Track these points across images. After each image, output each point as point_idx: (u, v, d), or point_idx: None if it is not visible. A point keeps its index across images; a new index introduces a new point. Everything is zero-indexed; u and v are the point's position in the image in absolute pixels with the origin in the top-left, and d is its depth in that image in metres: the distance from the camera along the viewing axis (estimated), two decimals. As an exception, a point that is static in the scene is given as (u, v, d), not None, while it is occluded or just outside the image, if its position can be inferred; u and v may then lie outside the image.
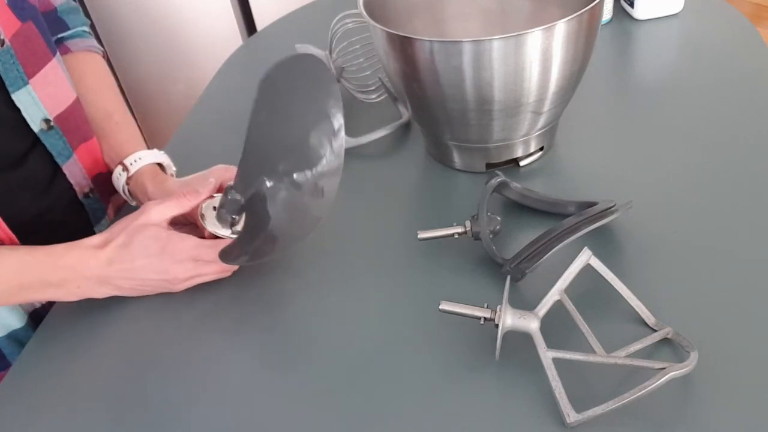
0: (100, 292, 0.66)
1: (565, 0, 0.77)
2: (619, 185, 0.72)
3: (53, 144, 0.74)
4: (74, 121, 0.77)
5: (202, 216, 0.68)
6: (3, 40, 0.66)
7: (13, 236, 0.69)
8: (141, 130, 0.86)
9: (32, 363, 0.64)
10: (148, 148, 0.81)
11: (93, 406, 0.59)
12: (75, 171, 0.78)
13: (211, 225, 0.67)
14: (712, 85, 0.87)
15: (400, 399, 0.55)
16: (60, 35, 0.83)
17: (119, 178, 0.78)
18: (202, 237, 0.67)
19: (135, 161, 0.77)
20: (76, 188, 0.78)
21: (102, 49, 0.88)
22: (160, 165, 0.79)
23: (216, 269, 0.66)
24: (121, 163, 0.78)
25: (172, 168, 0.81)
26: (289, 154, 0.64)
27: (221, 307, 0.66)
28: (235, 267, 0.68)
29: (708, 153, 0.75)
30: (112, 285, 0.65)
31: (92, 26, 2.05)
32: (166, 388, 0.59)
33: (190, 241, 0.65)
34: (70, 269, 0.63)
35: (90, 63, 0.85)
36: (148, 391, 0.59)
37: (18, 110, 0.70)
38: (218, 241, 0.66)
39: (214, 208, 0.68)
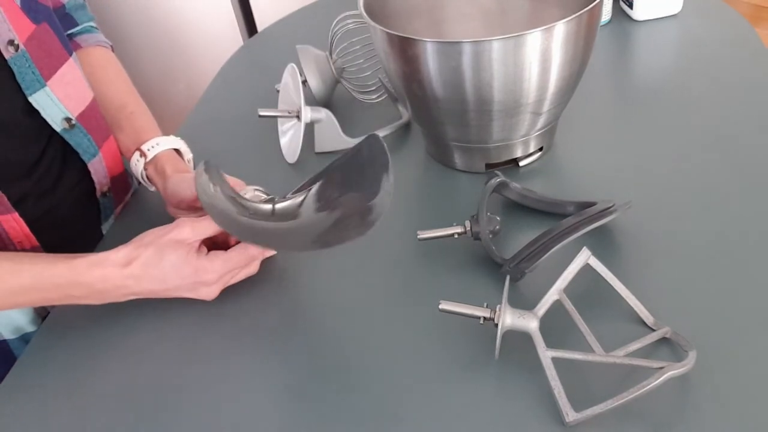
0: (126, 299, 0.64)
1: (564, 0, 0.77)
2: (619, 185, 0.73)
3: (78, 142, 0.74)
4: (95, 120, 0.77)
5: None
6: (18, 45, 0.66)
7: (33, 237, 0.69)
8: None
9: (36, 359, 0.65)
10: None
11: (96, 403, 0.59)
12: (99, 169, 0.78)
13: None
14: (711, 85, 0.87)
15: (400, 398, 0.55)
16: (69, 32, 0.83)
17: (137, 164, 0.78)
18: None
19: (152, 147, 0.77)
20: (97, 186, 0.78)
21: (110, 43, 0.89)
22: (177, 151, 0.79)
23: (245, 273, 0.65)
24: (138, 149, 0.78)
25: (188, 154, 0.81)
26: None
27: (222, 307, 0.66)
28: (263, 256, 0.67)
29: (707, 153, 0.75)
30: (137, 295, 0.64)
31: (93, 26, 2.05)
32: (169, 385, 0.59)
33: (217, 261, 0.62)
34: (92, 286, 0.62)
35: (100, 57, 0.86)
36: (150, 388, 0.59)
37: (35, 115, 0.69)
38: (244, 246, 0.64)
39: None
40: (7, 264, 0.61)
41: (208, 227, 0.63)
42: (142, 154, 0.77)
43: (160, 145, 0.77)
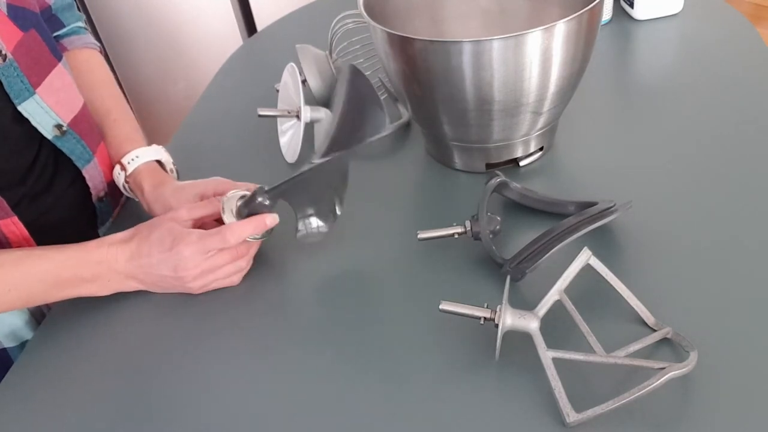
0: (129, 286, 0.67)
1: (565, 0, 0.77)
2: (619, 185, 0.72)
3: (72, 149, 0.74)
4: (88, 125, 0.76)
5: (222, 208, 0.68)
6: (5, 54, 0.65)
7: (32, 241, 0.69)
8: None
9: (33, 362, 0.64)
10: (148, 144, 0.80)
11: (93, 405, 0.59)
12: (95, 174, 0.77)
13: (229, 218, 0.67)
14: (712, 85, 0.87)
15: (400, 399, 0.55)
16: (56, 34, 0.82)
17: (118, 177, 0.78)
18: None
19: (132, 160, 0.77)
20: (93, 192, 0.78)
21: (99, 44, 0.87)
22: (159, 162, 0.79)
23: (226, 258, 0.66)
24: (119, 162, 0.78)
25: (171, 164, 0.80)
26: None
27: (221, 307, 0.66)
28: (245, 271, 0.68)
29: (707, 153, 0.75)
30: (138, 279, 0.66)
31: (93, 26, 2.06)
32: (167, 386, 0.59)
33: (195, 234, 0.64)
34: (101, 264, 0.64)
35: (86, 60, 0.84)
36: (148, 390, 0.59)
37: (25, 123, 0.69)
38: (223, 227, 0.65)
39: (241, 197, 0.69)
40: (18, 253, 0.64)
41: (201, 208, 0.67)
42: (123, 168, 0.77)
43: (140, 157, 0.77)
